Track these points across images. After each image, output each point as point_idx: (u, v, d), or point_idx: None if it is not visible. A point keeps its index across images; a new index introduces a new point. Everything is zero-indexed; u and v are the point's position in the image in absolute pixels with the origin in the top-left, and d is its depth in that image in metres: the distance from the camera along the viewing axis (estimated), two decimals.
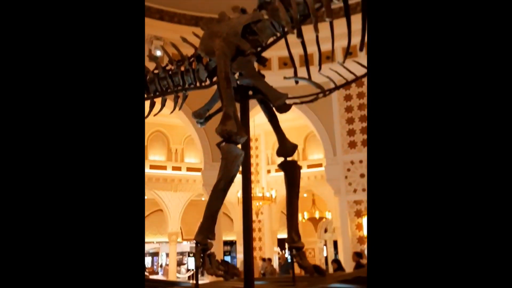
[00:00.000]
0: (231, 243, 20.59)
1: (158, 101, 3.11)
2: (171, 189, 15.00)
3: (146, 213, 16.70)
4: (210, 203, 2.35)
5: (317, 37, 2.38)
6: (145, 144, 14.69)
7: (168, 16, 9.30)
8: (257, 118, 10.15)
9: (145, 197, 15.74)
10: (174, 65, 2.92)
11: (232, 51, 2.47)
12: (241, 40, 2.50)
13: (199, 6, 9.23)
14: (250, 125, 2.87)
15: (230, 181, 2.34)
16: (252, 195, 2.71)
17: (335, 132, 9.86)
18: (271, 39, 2.64)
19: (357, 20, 2.49)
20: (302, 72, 2.69)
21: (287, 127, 13.04)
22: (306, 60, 2.55)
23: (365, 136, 9.48)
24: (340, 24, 2.61)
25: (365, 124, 9.53)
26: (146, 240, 17.01)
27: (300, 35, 2.38)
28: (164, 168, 14.85)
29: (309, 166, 14.18)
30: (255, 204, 11.43)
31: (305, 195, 14.96)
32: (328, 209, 14.66)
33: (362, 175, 9.40)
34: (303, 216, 14.58)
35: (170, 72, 2.92)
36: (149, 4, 9.04)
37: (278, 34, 2.59)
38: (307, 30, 2.44)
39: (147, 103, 3.06)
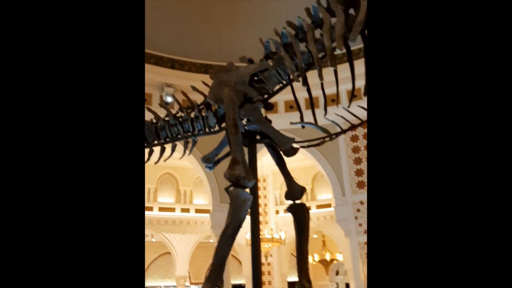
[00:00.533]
0: (240, 287, 19.91)
1: (168, 146, 3.20)
2: (179, 231, 14.82)
3: (154, 256, 16.39)
4: (219, 249, 2.34)
5: (322, 84, 2.47)
6: (155, 186, 14.75)
7: (179, 65, 9.72)
8: (265, 159, 10.22)
9: (153, 240, 15.55)
10: (184, 112, 3.03)
11: (240, 98, 2.58)
12: (249, 88, 2.61)
13: (209, 55, 9.67)
14: (258, 166, 2.92)
15: (239, 226, 2.34)
16: (260, 236, 2.70)
17: (343, 172, 9.82)
18: (277, 87, 2.75)
19: (360, 64, 2.59)
20: (308, 114, 2.77)
21: (294, 167, 13.07)
22: (312, 106, 2.64)
23: None
24: (344, 68, 2.72)
25: None
26: (153, 284, 16.56)
27: (305, 83, 2.48)
28: (173, 210, 14.77)
29: (318, 207, 13.99)
30: (264, 246, 11.20)
31: (315, 236, 14.63)
32: (339, 251, 14.25)
33: None
34: (313, 259, 14.17)
35: (180, 119, 3.02)
36: (161, 53, 9.50)
37: (284, 82, 2.70)
38: (312, 74, 2.55)
39: (157, 149, 3.15)
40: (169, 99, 9.33)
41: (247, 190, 2.40)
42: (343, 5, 2.38)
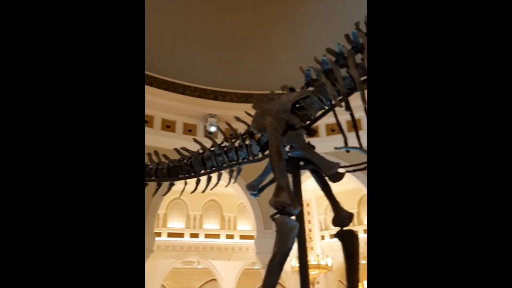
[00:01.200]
0: None
1: (214, 175, 3.28)
2: (224, 258, 14.83)
3: (200, 283, 16.43)
4: (267, 279, 2.31)
5: (365, 108, 2.45)
6: (200, 213, 14.99)
7: (221, 96, 10.08)
8: (308, 184, 10.10)
9: (199, 267, 15.64)
10: (229, 142, 3.11)
11: (282, 126, 2.61)
12: (291, 115, 2.64)
13: (249, 85, 9.97)
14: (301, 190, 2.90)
15: (286, 254, 2.32)
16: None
17: None
18: (319, 113, 2.76)
19: None
20: (351, 136, 2.74)
21: (339, 191, 12.77)
22: (356, 130, 2.61)
23: None
24: None
25: None
26: None
27: (348, 107, 2.47)
28: (218, 236, 14.87)
29: (366, 231, 13.44)
30: (310, 273, 10.88)
31: (363, 262, 14.01)
32: None
33: None
34: (362, 285, 13.52)
35: (225, 149, 3.11)
36: (204, 86, 9.93)
37: (326, 107, 2.71)
38: (353, 97, 2.53)
39: (204, 179, 3.24)
40: (213, 129, 9.61)
41: (293, 217, 2.39)
42: None
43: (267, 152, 2.84)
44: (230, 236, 14.97)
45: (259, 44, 9.78)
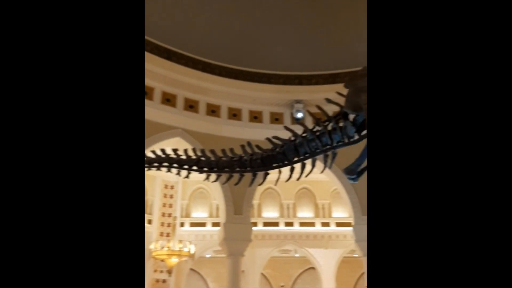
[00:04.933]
0: None
1: (308, 162, 3.20)
2: (321, 246, 14.73)
3: (299, 271, 16.60)
4: None
5: None
6: (293, 202, 15.09)
7: (306, 79, 9.90)
8: None
9: (296, 255, 15.79)
10: (321, 126, 2.99)
11: None
12: None
13: (334, 64, 9.59)
14: None
15: None
16: None
17: None
18: None
19: None
20: None
21: None
22: None
23: None
24: None
25: None
26: None
27: None
28: (313, 224, 14.81)
29: None
30: None
31: None
32: None
33: None
34: None
35: (318, 133, 3.00)
36: (288, 72, 9.86)
37: None
38: None
39: (298, 166, 3.18)
40: (300, 115, 9.51)
41: None
42: None
43: (364, 132, 2.66)
44: (325, 224, 14.79)
45: (340, 20, 9.31)
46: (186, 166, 3.58)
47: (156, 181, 12.99)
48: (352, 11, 9.27)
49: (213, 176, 3.60)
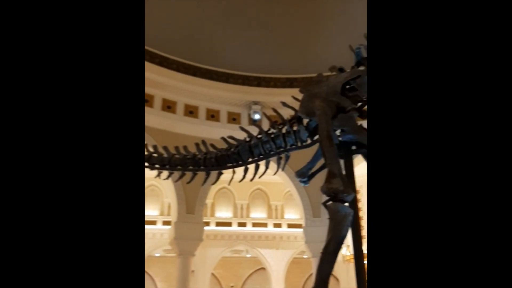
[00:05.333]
0: None
1: (261, 163, 3.23)
2: (272, 246, 14.93)
3: (249, 272, 16.70)
4: (321, 267, 2.24)
5: None
6: (247, 202, 15.17)
7: (264, 82, 9.99)
8: (358, 169, 9.82)
9: (248, 255, 15.89)
10: (276, 129, 3.04)
11: (333, 109, 2.49)
12: (341, 97, 2.51)
13: (293, 69, 9.77)
14: None
15: (341, 242, 2.23)
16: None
17: None
18: None
19: None
20: None
21: None
22: None
23: None
24: None
25: None
26: None
27: None
28: (265, 225, 14.97)
29: None
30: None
31: None
32: None
33: None
34: None
35: (272, 136, 3.04)
36: (247, 73, 9.88)
37: None
38: None
39: (252, 167, 3.20)
40: (257, 117, 9.58)
41: (346, 204, 2.28)
42: None
43: (316, 137, 2.73)
44: (277, 225, 15.02)
45: (301, 26, 9.53)
46: None
47: None
48: (313, 18, 9.51)
49: (165, 173, 3.52)
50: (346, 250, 10.58)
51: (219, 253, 14.50)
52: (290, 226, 14.87)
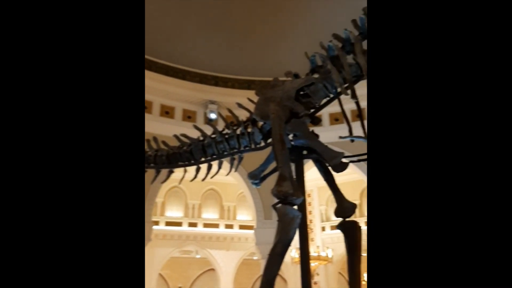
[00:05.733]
0: None
1: (214, 163, 3.21)
2: (223, 247, 14.87)
3: (199, 272, 16.51)
4: (267, 268, 2.27)
5: None
6: (199, 202, 14.99)
7: (222, 82, 9.94)
8: (309, 174, 10.05)
9: (197, 256, 15.70)
10: (230, 129, 3.04)
11: (286, 114, 2.54)
12: (295, 103, 2.56)
13: (252, 71, 9.82)
14: None
15: (288, 244, 2.27)
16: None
17: None
18: (324, 100, 2.68)
19: None
20: (356, 126, 2.67)
21: (342, 181, 12.65)
22: (361, 119, 2.54)
23: None
24: None
25: None
26: None
27: (354, 96, 2.40)
28: (217, 226, 14.88)
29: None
30: (310, 265, 10.92)
31: (364, 254, 14.05)
32: None
33: None
34: (364, 279, 13.60)
35: (226, 136, 3.03)
36: (205, 71, 9.77)
37: (331, 95, 2.63)
38: (359, 85, 2.46)
39: (204, 167, 3.17)
40: (213, 116, 9.51)
41: (295, 207, 2.33)
42: None
43: (269, 140, 2.77)
44: (229, 226, 14.99)
45: (262, 30, 9.62)
46: None
47: None
48: (275, 24, 9.64)
49: None
50: (295, 252, 10.80)
51: (168, 253, 14.18)
52: (241, 227, 14.90)
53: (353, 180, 12.28)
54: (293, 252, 10.96)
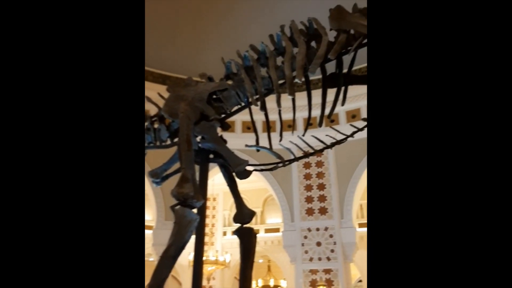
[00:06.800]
0: None
1: None
2: None
3: None
4: (158, 270, 2.21)
5: (279, 111, 2.49)
6: None
7: None
8: (217, 178, 10.08)
9: None
10: None
11: (196, 115, 2.52)
12: (206, 105, 2.56)
13: (168, 66, 9.52)
14: (209, 184, 2.84)
15: (182, 247, 2.24)
16: (205, 258, 2.61)
17: (294, 198, 9.92)
18: (235, 108, 2.73)
19: (318, 94, 2.66)
20: (264, 137, 2.76)
21: (246, 189, 12.98)
22: (268, 131, 2.63)
23: (322, 204, 9.61)
24: (303, 96, 2.77)
25: (322, 193, 9.70)
26: None
27: (263, 108, 2.48)
28: None
29: (267, 231, 13.95)
30: (207, 269, 10.89)
31: (260, 260, 14.51)
32: (284, 277, 14.23)
33: (318, 244, 9.36)
34: (257, 284, 14.01)
35: None
36: None
37: (242, 104, 2.69)
38: (270, 98, 2.55)
39: None
40: None
41: (195, 210, 2.31)
42: (306, 37, 2.44)
43: (176, 139, 2.71)
44: None
45: (185, 27, 9.44)
46: None
47: None
48: (199, 23, 9.55)
49: None
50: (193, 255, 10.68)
51: None
52: None
53: (258, 188, 12.69)
54: (191, 255, 10.83)
